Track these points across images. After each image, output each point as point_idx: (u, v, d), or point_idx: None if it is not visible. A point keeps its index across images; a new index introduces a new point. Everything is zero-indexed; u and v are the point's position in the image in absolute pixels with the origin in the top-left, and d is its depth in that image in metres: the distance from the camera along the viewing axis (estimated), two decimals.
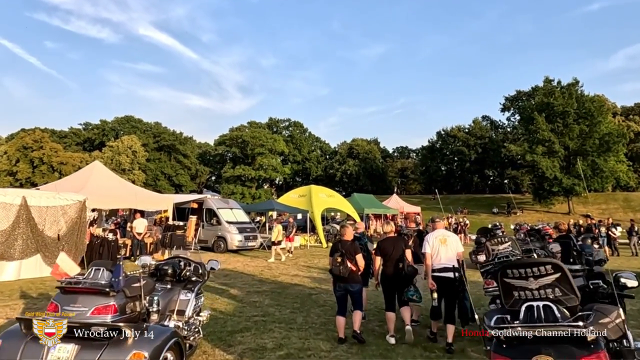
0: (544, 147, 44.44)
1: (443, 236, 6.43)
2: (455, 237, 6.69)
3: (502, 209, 52.75)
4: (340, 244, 6.28)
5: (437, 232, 6.56)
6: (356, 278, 6.16)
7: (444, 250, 6.28)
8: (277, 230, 15.86)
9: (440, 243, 6.36)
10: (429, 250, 6.33)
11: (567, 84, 46.94)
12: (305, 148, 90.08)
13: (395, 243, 6.51)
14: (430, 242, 6.37)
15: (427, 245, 6.40)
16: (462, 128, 72.38)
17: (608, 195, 53.19)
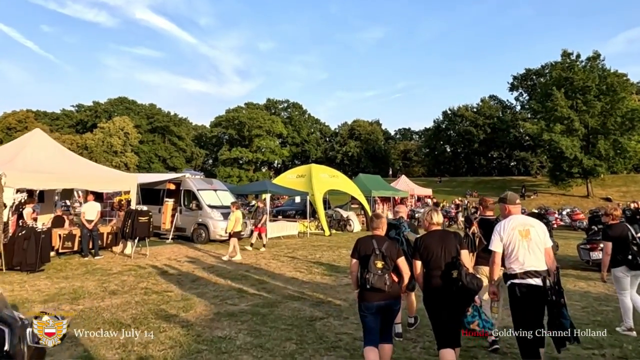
0: (562, 126, 40.97)
1: (524, 226, 4.28)
2: (542, 227, 4.37)
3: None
4: (376, 240, 4.19)
5: (514, 219, 4.37)
6: (399, 292, 4.24)
7: (526, 248, 4.18)
8: (234, 218, 11.98)
9: (521, 237, 4.22)
10: (499, 246, 4.28)
11: (587, 58, 43.26)
12: (304, 130, 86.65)
13: (444, 240, 4.27)
14: (505, 235, 4.28)
15: (497, 240, 4.31)
16: (470, 107, 68.82)
17: (627, 177, 50.01)
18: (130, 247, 11.70)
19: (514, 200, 4.57)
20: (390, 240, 4.35)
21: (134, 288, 7.69)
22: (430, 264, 4.20)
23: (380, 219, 4.41)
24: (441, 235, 4.35)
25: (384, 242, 4.21)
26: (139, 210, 11.68)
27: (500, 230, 4.33)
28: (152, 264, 10.35)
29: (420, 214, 4.98)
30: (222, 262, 10.91)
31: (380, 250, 4.11)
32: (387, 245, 4.18)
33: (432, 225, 4.39)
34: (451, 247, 4.20)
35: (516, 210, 4.53)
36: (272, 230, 16.65)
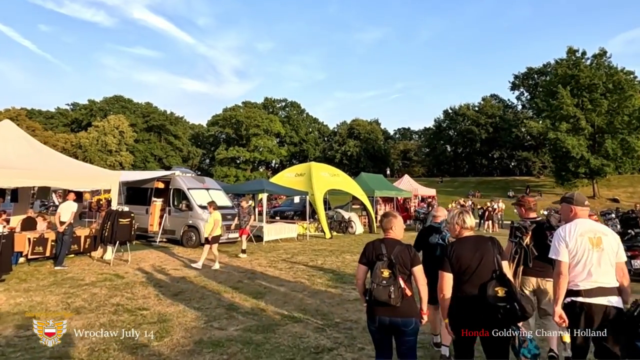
0: (568, 124, 39.83)
1: (595, 233, 3.47)
2: (616, 237, 3.54)
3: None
4: (385, 245, 3.50)
5: (581, 224, 3.53)
6: (412, 309, 3.40)
7: (596, 260, 3.38)
8: (212, 221, 10.35)
9: (591, 245, 3.42)
10: (566, 255, 3.46)
11: (593, 55, 42.12)
12: (302, 129, 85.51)
13: (480, 248, 3.41)
14: (572, 243, 3.47)
15: (563, 247, 3.49)
16: (471, 106, 67.68)
17: (633, 178, 48.92)
18: (110, 253, 10.45)
19: (582, 201, 3.66)
20: (404, 245, 3.50)
21: (103, 304, 6.44)
22: (462, 278, 3.34)
23: (393, 218, 3.64)
24: (476, 242, 3.46)
25: (395, 246, 3.46)
26: (120, 211, 10.44)
27: (565, 235, 3.48)
28: (132, 272, 9.11)
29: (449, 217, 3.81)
30: (212, 270, 9.66)
31: (389, 256, 3.38)
32: (399, 251, 3.42)
33: (463, 230, 3.54)
34: (489, 258, 3.33)
35: (584, 213, 3.63)
36: (270, 233, 15.42)
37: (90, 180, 10.88)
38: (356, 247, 14.89)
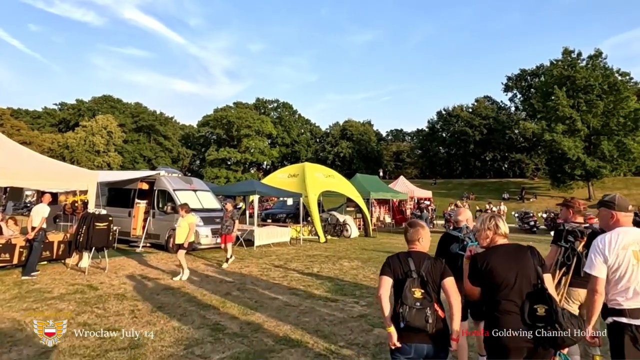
0: (564, 126, 39.32)
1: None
2: None
3: (513, 194, 48.06)
4: (412, 259, 2.95)
5: (624, 233, 2.98)
6: (445, 334, 2.82)
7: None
8: (186, 225, 9.09)
9: (636, 260, 2.89)
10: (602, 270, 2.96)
11: (589, 56, 41.70)
12: (294, 130, 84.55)
13: (517, 259, 2.90)
14: (612, 255, 2.94)
15: (599, 260, 2.98)
16: (465, 107, 67.26)
17: (628, 180, 48.65)
18: (86, 260, 9.51)
19: (626, 206, 3.17)
20: (433, 259, 3.07)
21: (67, 325, 5.52)
22: (497, 294, 2.87)
23: (420, 228, 3.14)
24: (512, 251, 2.97)
25: (424, 260, 3.00)
26: (97, 214, 9.49)
27: (604, 248, 3.00)
28: (108, 283, 8.19)
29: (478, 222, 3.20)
30: (198, 280, 8.77)
31: (419, 272, 2.91)
32: (429, 266, 2.97)
33: (497, 237, 3.04)
34: (529, 270, 2.86)
35: (627, 220, 3.13)
36: (261, 237, 14.52)
37: (66, 180, 9.93)
38: (353, 252, 14.06)
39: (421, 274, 2.88)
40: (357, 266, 10.96)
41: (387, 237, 20.27)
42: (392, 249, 15.31)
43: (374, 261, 11.88)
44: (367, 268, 10.70)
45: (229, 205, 11.73)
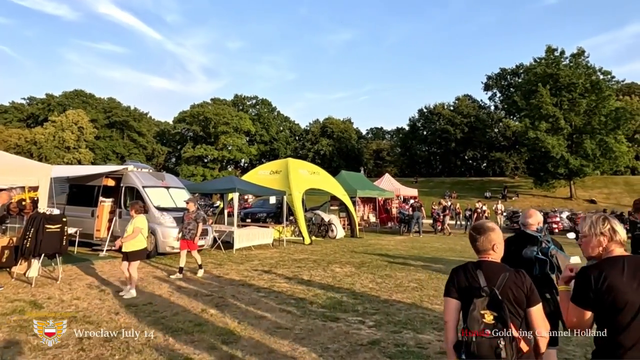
0: (547, 124, 39.04)
1: None
2: None
3: (495, 193, 47.71)
4: (483, 272, 2.35)
5: None
6: None
7: None
8: (132, 230, 7.38)
9: None
10: None
11: (571, 54, 41.54)
12: (273, 127, 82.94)
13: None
14: None
15: None
16: (447, 105, 66.91)
17: (607, 179, 48.86)
18: (35, 268, 8.02)
19: None
20: (513, 272, 2.35)
21: None
22: (617, 321, 2.15)
23: (491, 232, 2.45)
24: (636, 265, 2.20)
25: (499, 274, 2.32)
26: (48, 214, 8.02)
27: None
28: (57, 298, 6.76)
29: (585, 224, 2.40)
30: (168, 293, 7.41)
31: (492, 289, 2.23)
32: (507, 281, 2.28)
33: (613, 246, 2.28)
34: None
35: None
36: (241, 239, 13.17)
37: (12, 174, 8.40)
38: (342, 255, 12.83)
39: (494, 292, 2.23)
40: (351, 273, 9.75)
41: (375, 238, 19.15)
42: (383, 251, 14.17)
43: (368, 266, 10.68)
44: (362, 275, 9.49)
45: (191, 204, 9.52)
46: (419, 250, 14.61)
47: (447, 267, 10.72)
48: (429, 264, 11.31)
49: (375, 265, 10.94)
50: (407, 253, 13.89)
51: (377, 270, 10.07)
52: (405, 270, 10.19)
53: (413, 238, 19.81)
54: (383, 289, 8.12)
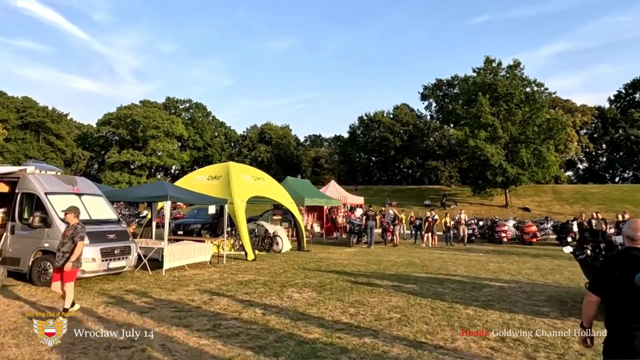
0: (486, 132, 39.66)
1: None
2: None
3: (434, 201, 47.92)
4: None
5: None
6: None
7: None
8: None
9: None
10: None
11: (508, 66, 42.74)
12: (207, 133, 79.41)
13: None
14: None
15: None
16: (386, 113, 67.21)
17: (537, 188, 50.77)
18: None
19: None
20: None
21: None
22: None
23: None
24: None
25: None
26: None
27: None
28: None
29: None
30: (68, 340, 5.15)
31: None
32: None
33: None
34: None
35: None
36: (173, 258, 10.89)
37: None
38: (295, 274, 10.94)
39: None
40: (314, 300, 7.90)
41: (324, 251, 17.47)
42: (338, 267, 12.48)
43: (330, 289, 8.88)
44: (328, 302, 7.67)
45: (70, 215, 6.74)
46: (377, 266, 13.05)
47: (421, 288, 9.20)
48: (398, 284, 9.73)
49: (338, 287, 9.17)
50: (366, 269, 12.28)
51: (343, 295, 8.30)
52: (376, 294, 8.51)
53: (364, 250, 18.35)
54: (361, 322, 6.36)
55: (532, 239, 22.37)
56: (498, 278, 11.00)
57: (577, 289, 9.44)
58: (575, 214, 36.22)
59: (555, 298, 8.53)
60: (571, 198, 46.49)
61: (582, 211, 38.90)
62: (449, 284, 9.97)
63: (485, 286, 9.72)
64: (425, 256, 16.33)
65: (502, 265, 13.69)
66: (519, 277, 11.32)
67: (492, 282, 10.28)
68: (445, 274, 11.54)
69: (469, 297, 8.43)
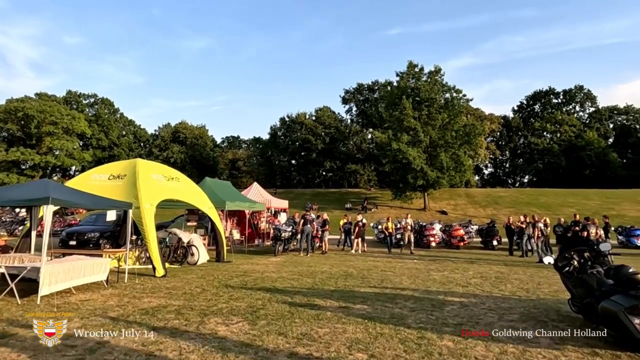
0: (409, 136, 39.86)
1: None
2: None
3: (355, 204, 47.45)
4: None
5: None
6: None
7: None
8: None
9: None
10: None
11: (429, 71, 43.48)
12: (114, 131, 73.08)
13: None
14: None
15: None
16: (309, 114, 66.12)
17: (452, 191, 52.40)
18: None
19: None
20: None
21: None
22: None
23: None
24: None
25: None
26: None
27: None
28: None
29: None
30: None
31: None
32: None
33: None
34: None
35: None
36: (54, 279, 8.29)
37: None
38: (217, 295, 8.85)
39: None
40: (248, 336, 5.94)
41: (247, 261, 15.46)
42: (267, 282, 10.60)
43: (266, 317, 6.96)
44: (267, 338, 5.76)
45: None
46: (311, 279, 11.31)
47: (374, 309, 7.62)
48: (345, 305, 8.07)
49: (274, 313, 7.28)
50: (300, 284, 10.50)
51: (284, 326, 6.43)
52: (325, 321, 6.75)
53: (292, 259, 16.59)
54: None
55: (460, 242, 22.02)
56: (451, 291, 9.77)
57: (543, 303, 8.44)
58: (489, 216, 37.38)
59: (528, 315, 7.37)
60: (483, 201, 48.44)
61: (493, 214, 40.45)
62: (402, 301, 8.50)
63: (444, 303, 8.38)
64: (359, 265, 14.94)
65: (445, 275, 12.61)
66: (471, 288, 10.20)
67: (447, 297, 8.99)
68: (391, 288, 10.11)
69: (435, 320, 6.97)
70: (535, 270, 14.00)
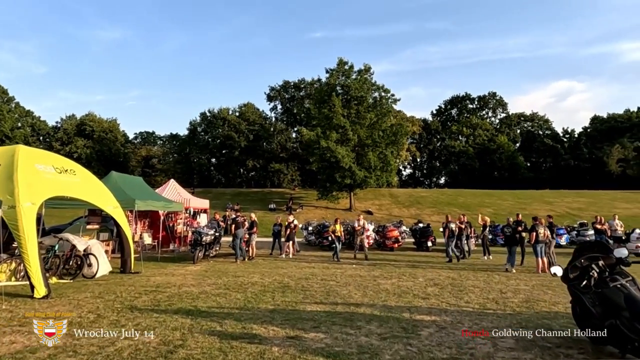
0: (337, 134, 38.79)
1: None
2: None
3: (279, 205, 45.57)
4: None
5: None
6: None
7: None
8: None
9: None
10: None
11: (359, 70, 42.75)
12: (7, 122, 64.69)
13: None
14: None
15: None
16: (232, 110, 62.95)
17: (376, 191, 52.36)
18: None
19: None
20: None
21: None
22: None
23: None
24: None
25: None
26: None
27: None
28: None
29: None
30: None
31: None
32: None
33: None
34: None
35: None
36: None
37: None
38: (117, 324, 6.53)
39: None
40: None
41: (160, 271, 13.05)
42: (186, 300, 8.47)
43: None
44: None
45: None
46: (242, 295, 9.25)
47: (333, 339, 5.81)
48: (294, 333, 6.21)
49: (200, 353, 5.23)
50: (229, 302, 8.45)
51: None
52: None
53: (214, 267, 14.39)
54: None
55: (394, 244, 21.02)
56: (414, 306, 8.25)
57: (526, 319, 7.14)
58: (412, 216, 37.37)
59: (525, 340, 5.96)
60: (406, 201, 48.84)
61: (417, 214, 40.60)
62: (364, 324, 6.79)
63: (415, 325, 6.77)
64: (294, 273, 13.13)
65: (395, 283, 11.16)
66: (433, 300, 8.79)
67: (414, 315, 7.45)
68: (343, 304, 8.40)
69: (418, 353, 5.33)
70: (484, 274, 13.11)
